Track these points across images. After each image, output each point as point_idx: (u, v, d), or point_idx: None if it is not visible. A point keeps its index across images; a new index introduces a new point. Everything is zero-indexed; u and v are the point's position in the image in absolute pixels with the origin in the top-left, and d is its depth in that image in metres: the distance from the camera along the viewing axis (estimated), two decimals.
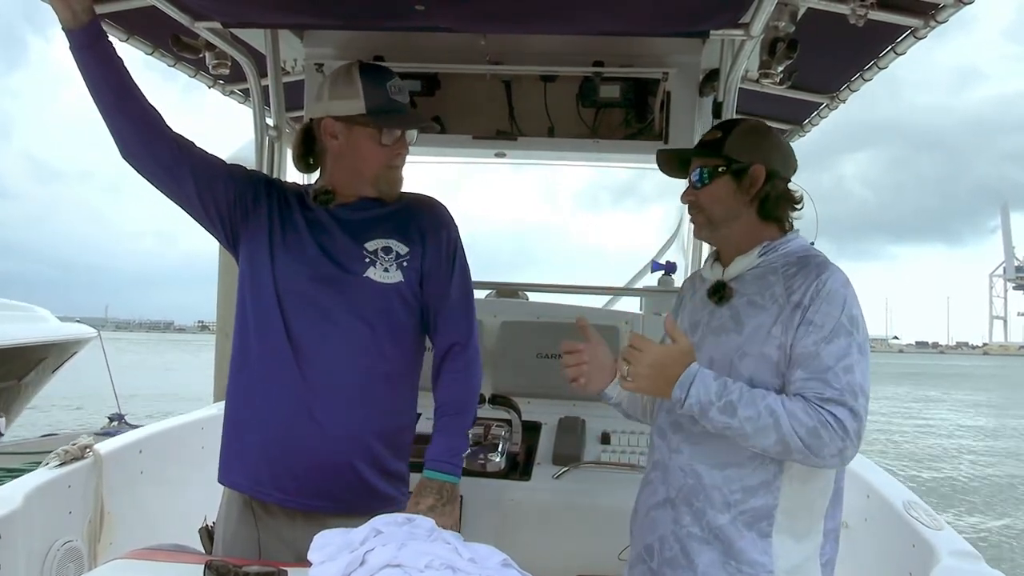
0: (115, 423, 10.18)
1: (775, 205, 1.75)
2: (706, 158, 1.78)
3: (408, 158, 2.04)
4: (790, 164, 1.79)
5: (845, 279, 1.65)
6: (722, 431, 1.60)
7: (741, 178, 1.74)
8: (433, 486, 1.91)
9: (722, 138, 1.77)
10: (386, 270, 1.93)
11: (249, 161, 3.12)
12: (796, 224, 1.81)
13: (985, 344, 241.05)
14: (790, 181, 1.79)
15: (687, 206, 1.85)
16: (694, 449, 1.72)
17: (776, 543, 1.64)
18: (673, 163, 1.91)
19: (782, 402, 1.57)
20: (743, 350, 1.66)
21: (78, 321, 12.68)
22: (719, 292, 1.75)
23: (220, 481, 1.99)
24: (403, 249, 1.97)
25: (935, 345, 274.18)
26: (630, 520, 1.91)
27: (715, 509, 1.67)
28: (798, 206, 1.80)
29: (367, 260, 1.93)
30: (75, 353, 11.18)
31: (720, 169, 1.75)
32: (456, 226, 2.08)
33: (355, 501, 1.89)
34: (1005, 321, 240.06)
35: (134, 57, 2.86)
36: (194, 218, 2.01)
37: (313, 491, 1.88)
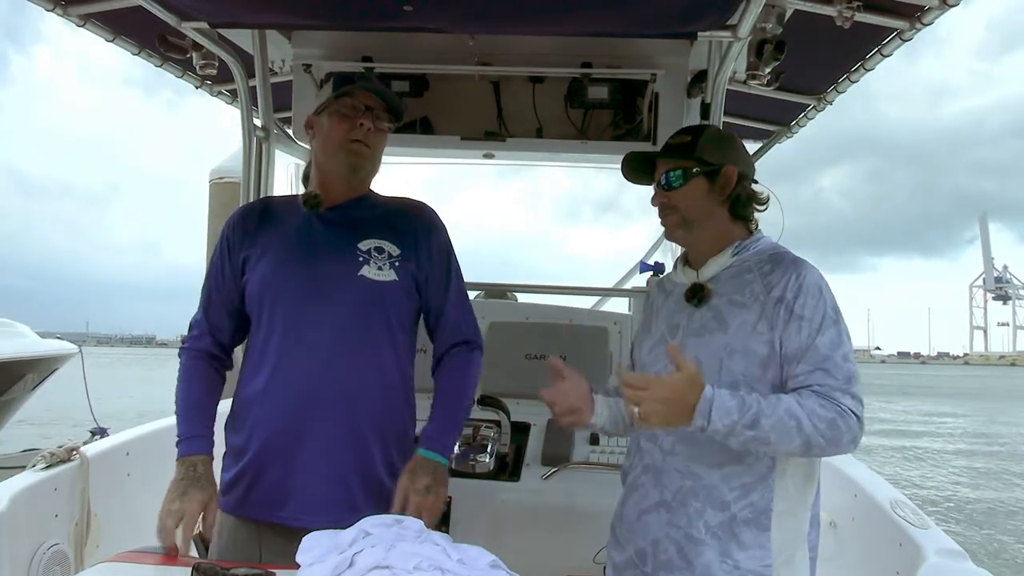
0: (97, 437, 10.10)
1: (744, 205, 1.83)
2: (677, 160, 1.82)
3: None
4: (752, 167, 1.88)
5: (819, 273, 1.71)
6: (745, 445, 1.60)
7: (714, 179, 1.80)
8: (428, 466, 1.89)
9: (692, 141, 1.82)
10: (380, 268, 1.93)
11: (238, 159, 3.10)
12: (761, 227, 1.88)
13: (966, 354, 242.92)
14: (756, 182, 1.87)
15: (658, 208, 1.87)
16: (691, 450, 1.72)
17: (775, 536, 1.66)
18: (637, 169, 1.94)
19: (798, 402, 1.58)
20: (731, 347, 1.68)
21: (59, 336, 12.54)
22: (698, 294, 1.77)
23: (223, 510, 1.92)
24: (395, 250, 1.96)
25: (916, 355, 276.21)
26: (612, 524, 1.91)
27: (715, 508, 1.68)
28: (762, 207, 1.87)
29: (361, 259, 1.93)
30: (56, 369, 11.03)
31: (695, 171, 1.80)
32: (446, 229, 2.09)
33: (367, 504, 1.83)
34: (985, 331, 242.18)
35: (121, 56, 2.84)
36: None
37: (322, 504, 1.84)
